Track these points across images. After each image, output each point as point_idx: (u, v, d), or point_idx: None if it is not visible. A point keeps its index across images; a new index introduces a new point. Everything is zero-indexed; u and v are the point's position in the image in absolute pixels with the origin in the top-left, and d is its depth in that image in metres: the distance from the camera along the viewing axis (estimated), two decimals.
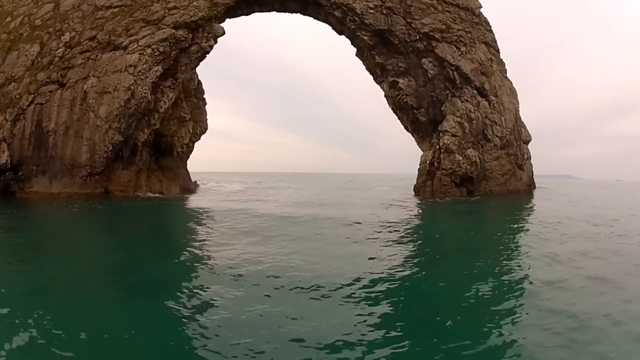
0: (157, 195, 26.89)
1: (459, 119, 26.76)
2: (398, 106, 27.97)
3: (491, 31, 34.64)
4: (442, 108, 27.00)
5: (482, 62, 31.47)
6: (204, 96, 36.31)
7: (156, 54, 25.02)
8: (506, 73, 35.77)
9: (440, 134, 26.26)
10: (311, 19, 28.42)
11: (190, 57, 27.30)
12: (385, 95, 29.44)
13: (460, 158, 25.79)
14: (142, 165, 27.35)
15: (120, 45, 24.82)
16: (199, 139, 36.61)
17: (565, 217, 16.74)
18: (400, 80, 26.54)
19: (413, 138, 29.60)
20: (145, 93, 24.65)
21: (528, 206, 22.97)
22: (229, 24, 28.73)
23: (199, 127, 35.13)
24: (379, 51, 27.24)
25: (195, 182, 42.25)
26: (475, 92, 29.65)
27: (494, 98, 31.33)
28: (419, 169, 28.04)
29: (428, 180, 26.90)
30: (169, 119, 33.72)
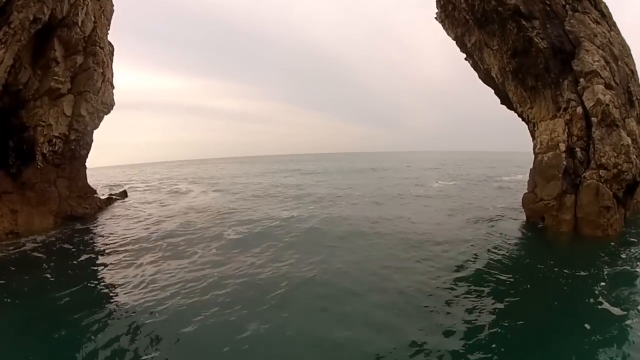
0: None
1: (602, 52, 12.50)
2: (481, 17, 12.83)
3: None
4: (566, 27, 12.65)
5: None
6: (104, 50, 20.65)
7: None
8: None
9: (580, 80, 11.76)
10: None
11: None
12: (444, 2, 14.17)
13: (629, 140, 11.35)
14: None
15: None
16: (97, 124, 20.77)
17: None
18: None
19: (509, 94, 14.25)
20: None
21: None
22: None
23: (88, 103, 19.44)
24: None
25: (109, 197, 25.96)
26: (598, 13, 15.68)
27: (616, 35, 17.54)
28: (536, 164, 12.63)
29: (567, 193, 11.70)
30: (34, 98, 18.03)
